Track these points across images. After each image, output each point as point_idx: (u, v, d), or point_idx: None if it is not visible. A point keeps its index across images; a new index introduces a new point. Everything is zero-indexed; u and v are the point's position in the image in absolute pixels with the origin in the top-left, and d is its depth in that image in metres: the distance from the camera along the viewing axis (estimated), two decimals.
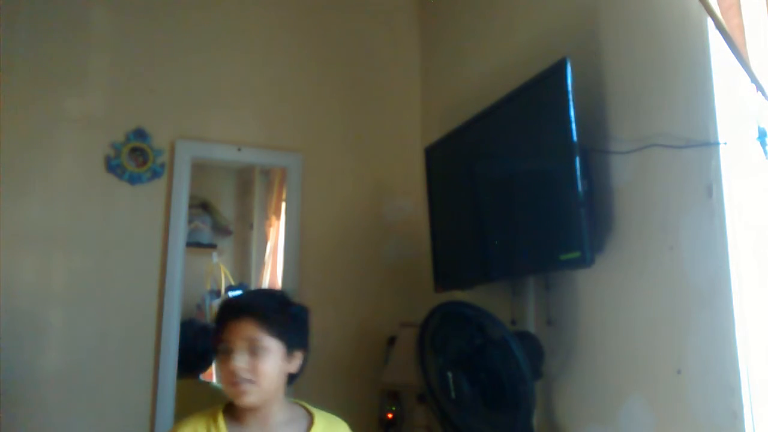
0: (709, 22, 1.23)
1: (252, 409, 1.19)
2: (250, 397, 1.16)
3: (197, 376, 2.56)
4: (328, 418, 1.26)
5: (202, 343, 2.63)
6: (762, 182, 1.23)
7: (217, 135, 2.35)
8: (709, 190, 1.24)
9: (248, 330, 1.16)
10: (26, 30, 2.15)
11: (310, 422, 1.23)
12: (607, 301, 1.52)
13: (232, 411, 1.22)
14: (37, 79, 2.14)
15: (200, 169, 2.66)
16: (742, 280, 1.19)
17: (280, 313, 1.21)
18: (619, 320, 1.47)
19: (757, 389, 1.16)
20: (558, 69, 1.48)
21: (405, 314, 2.29)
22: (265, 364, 1.16)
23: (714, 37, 1.25)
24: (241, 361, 1.15)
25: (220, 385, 2.79)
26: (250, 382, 1.15)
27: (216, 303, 3.16)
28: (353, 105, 2.54)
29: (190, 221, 2.83)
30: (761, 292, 1.19)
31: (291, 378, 1.25)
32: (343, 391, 2.31)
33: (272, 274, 3.09)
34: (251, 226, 3.48)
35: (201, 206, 3.33)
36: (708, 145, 1.25)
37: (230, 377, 1.15)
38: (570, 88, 1.44)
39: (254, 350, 1.16)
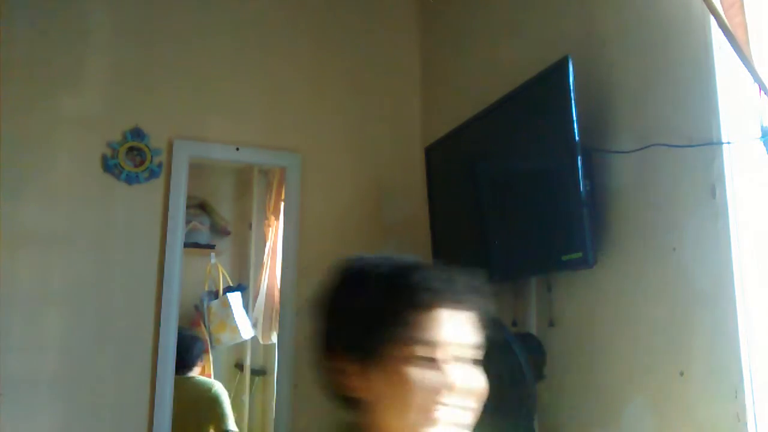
0: (712, 20, 1.22)
1: None
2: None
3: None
4: None
5: (189, 349, 2.71)
6: (766, 182, 1.22)
7: (216, 134, 2.34)
8: (713, 190, 1.23)
9: (472, 333, 0.78)
10: (24, 30, 2.13)
11: None
12: (610, 302, 1.51)
13: None
14: (34, 78, 2.13)
15: (198, 169, 2.65)
16: (745, 281, 1.18)
17: None
18: (621, 321, 1.46)
19: (760, 391, 1.15)
20: (559, 68, 1.47)
21: None
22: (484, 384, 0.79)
23: (716, 36, 1.24)
24: (479, 379, 0.77)
25: (209, 380, 2.84)
26: (468, 409, 0.77)
27: (215, 304, 3.15)
28: (353, 104, 2.52)
29: (188, 222, 2.82)
30: (765, 294, 1.18)
31: None
32: None
33: (271, 275, 3.08)
34: (250, 227, 3.48)
35: (199, 206, 3.32)
36: (711, 144, 1.24)
37: (437, 397, 0.73)
38: (572, 87, 1.43)
39: (471, 363, 0.78)
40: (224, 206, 3.53)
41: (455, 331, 0.75)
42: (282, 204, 2.59)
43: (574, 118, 1.43)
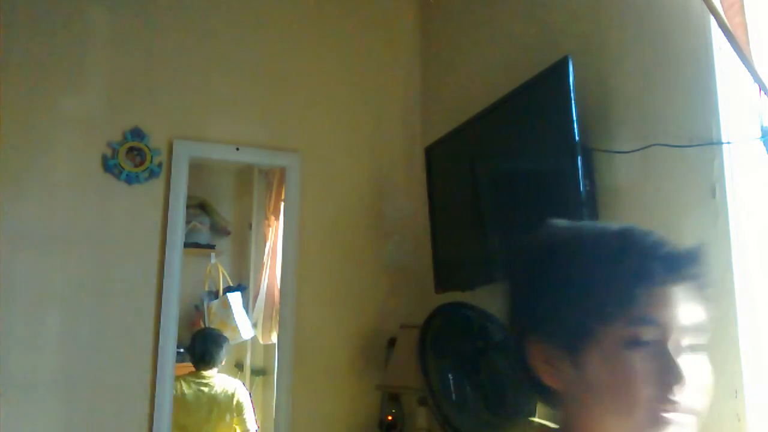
0: (712, 20, 1.22)
1: None
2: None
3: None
4: None
5: (220, 346, 2.84)
6: (766, 181, 1.22)
7: (216, 134, 2.34)
8: (713, 190, 1.23)
9: (700, 313, 0.65)
10: (24, 30, 2.14)
11: None
12: None
13: None
14: (34, 78, 2.13)
15: (198, 169, 2.65)
16: (746, 280, 1.18)
17: None
18: None
19: (761, 391, 1.15)
20: (560, 68, 1.47)
21: (405, 315, 2.28)
22: None
23: (716, 36, 1.24)
24: (707, 371, 0.65)
25: (232, 379, 2.88)
26: (696, 409, 0.64)
27: (215, 304, 3.16)
28: (353, 104, 2.52)
29: (188, 222, 2.83)
30: (765, 293, 1.18)
31: None
32: (343, 393, 2.30)
33: (271, 275, 3.08)
34: (250, 227, 3.48)
35: (199, 206, 3.32)
36: (711, 144, 1.24)
37: (668, 394, 0.60)
38: (572, 86, 1.43)
39: (701, 351, 0.65)
40: (224, 206, 3.54)
41: (686, 312, 0.62)
42: (282, 204, 2.59)
43: (574, 118, 1.43)
